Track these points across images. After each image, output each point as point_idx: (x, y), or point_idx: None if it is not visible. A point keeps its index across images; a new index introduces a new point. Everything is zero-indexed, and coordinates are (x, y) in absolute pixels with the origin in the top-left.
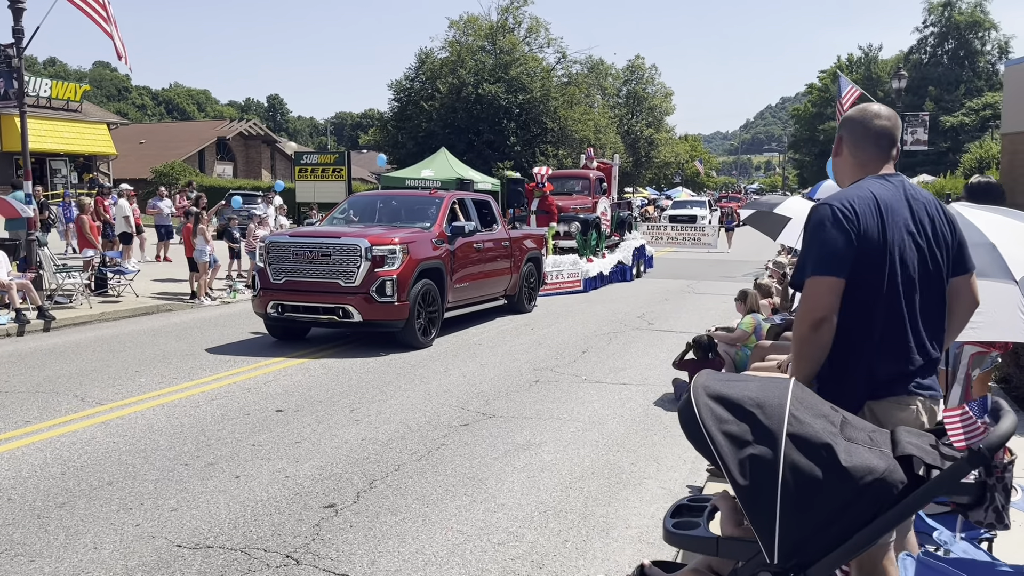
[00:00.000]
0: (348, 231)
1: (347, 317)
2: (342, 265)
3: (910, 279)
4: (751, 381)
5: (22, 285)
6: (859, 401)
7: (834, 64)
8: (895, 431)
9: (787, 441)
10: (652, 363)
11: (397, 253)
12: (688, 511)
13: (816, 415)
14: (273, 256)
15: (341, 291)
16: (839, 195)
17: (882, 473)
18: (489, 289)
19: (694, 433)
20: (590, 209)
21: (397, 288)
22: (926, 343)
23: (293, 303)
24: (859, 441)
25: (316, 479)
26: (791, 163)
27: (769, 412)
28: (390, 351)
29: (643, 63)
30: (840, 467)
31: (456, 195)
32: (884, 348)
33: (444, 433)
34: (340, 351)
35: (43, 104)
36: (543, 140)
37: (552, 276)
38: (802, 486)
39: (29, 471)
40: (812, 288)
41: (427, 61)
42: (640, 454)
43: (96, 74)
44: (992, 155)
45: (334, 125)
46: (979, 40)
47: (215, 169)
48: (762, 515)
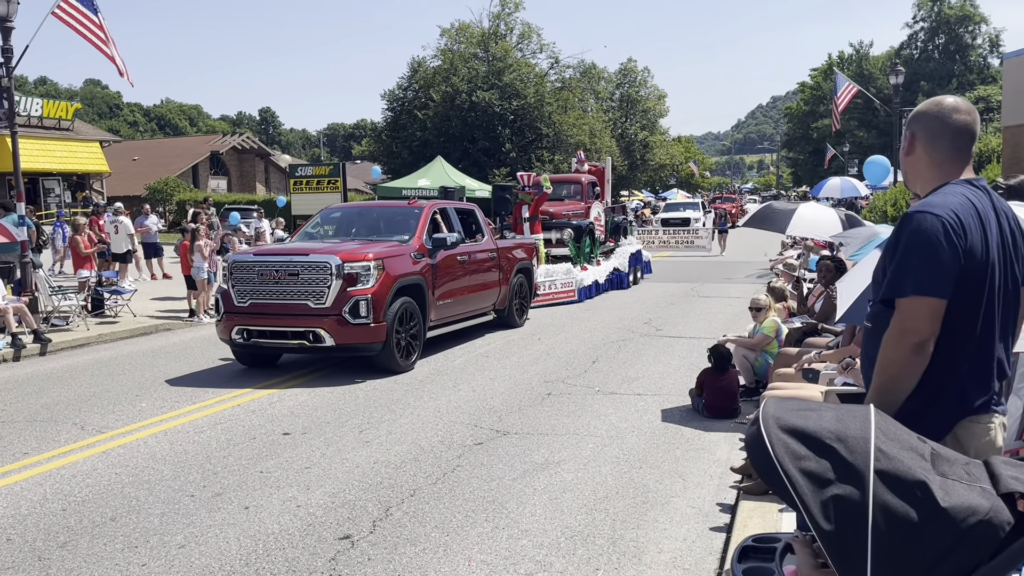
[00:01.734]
0: (317, 247)
1: (318, 342)
2: (311, 285)
3: (998, 296)
4: (826, 410)
5: (17, 309)
6: (949, 428)
7: (825, 62)
8: (990, 462)
9: (875, 479)
10: (665, 371)
11: (372, 270)
12: (756, 553)
13: (904, 448)
14: (237, 277)
15: (311, 313)
16: (941, 204)
17: (986, 514)
18: (476, 304)
19: (767, 471)
20: (583, 215)
21: (372, 308)
22: (1005, 360)
23: (259, 328)
24: (955, 477)
25: (329, 508)
26: (785, 162)
27: (852, 446)
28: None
29: (635, 66)
30: (938, 508)
31: (437, 205)
32: (976, 370)
33: (458, 453)
34: (344, 368)
35: (34, 123)
36: (538, 146)
37: (544, 287)
38: (896, 531)
39: (28, 508)
40: (913, 309)
41: (420, 70)
42: (664, 470)
43: (87, 92)
44: (992, 148)
45: (327, 136)
46: (969, 34)
47: (209, 184)
48: (851, 565)
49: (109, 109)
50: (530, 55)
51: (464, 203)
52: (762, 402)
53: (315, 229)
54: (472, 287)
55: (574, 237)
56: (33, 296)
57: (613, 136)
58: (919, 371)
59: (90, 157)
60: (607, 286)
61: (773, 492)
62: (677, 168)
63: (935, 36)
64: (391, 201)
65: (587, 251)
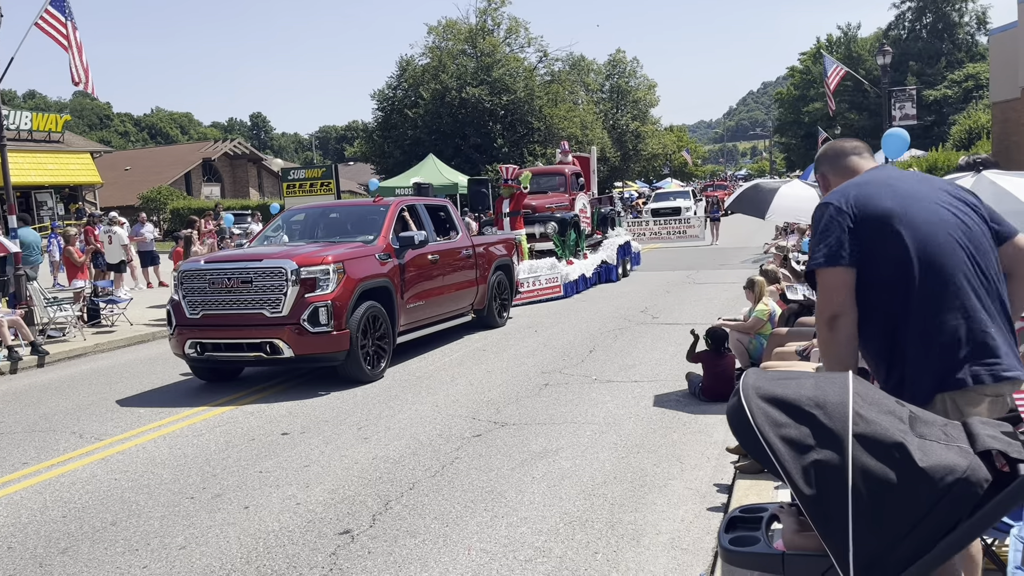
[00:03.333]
0: (271, 252)
1: (276, 353)
2: (266, 292)
3: (952, 257)
4: (805, 378)
5: (13, 322)
6: (927, 395)
7: (814, 46)
8: (968, 423)
9: (854, 443)
10: (661, 358)
11: (331, 273)
12: (743, 523)
13: (882, 411)
14: (187, 287)
15: (267, 323)
16: (835, 192)
17: (964, 472)
18: (452, 305)
19: (748, 440)
20: (567, 207)
21: (333, 314)
22: (989, 323)
23: (213, 340)
24: (933, 438)
25: (329, 504)
26: (777, 147)
27: (831, 412)
28: (415, 355)
29: (624, 57)
30: (916, 468)
31: (405, 201)
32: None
33: (457, 446)
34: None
35: (24, 137)
36: (530, 140)
37: (528, 283)
38: (875, 492)
39: (29, 516)
40: (821, 282)
41: (408, 68)
42: (661, 454)
43: (77, 104)
44: (981, 125)
45: (319, 139)
46: (956, 12)
47: (203, 191)
48: (833, 527)
49: (99, 120)
50: (518, 49)
51: (437, 199)
52: (743, 375)
53: (275, 232)
54: (446, 287)
55: (558, 231)
56: (28, 309)
57: (605, 127)
58: (844, 348)
59: (81, 168)
60: (595, 280)
61: (754, 460)
62: (670, 157)
63: (922, 15)
64: (356, 200)
65: (572, 245)
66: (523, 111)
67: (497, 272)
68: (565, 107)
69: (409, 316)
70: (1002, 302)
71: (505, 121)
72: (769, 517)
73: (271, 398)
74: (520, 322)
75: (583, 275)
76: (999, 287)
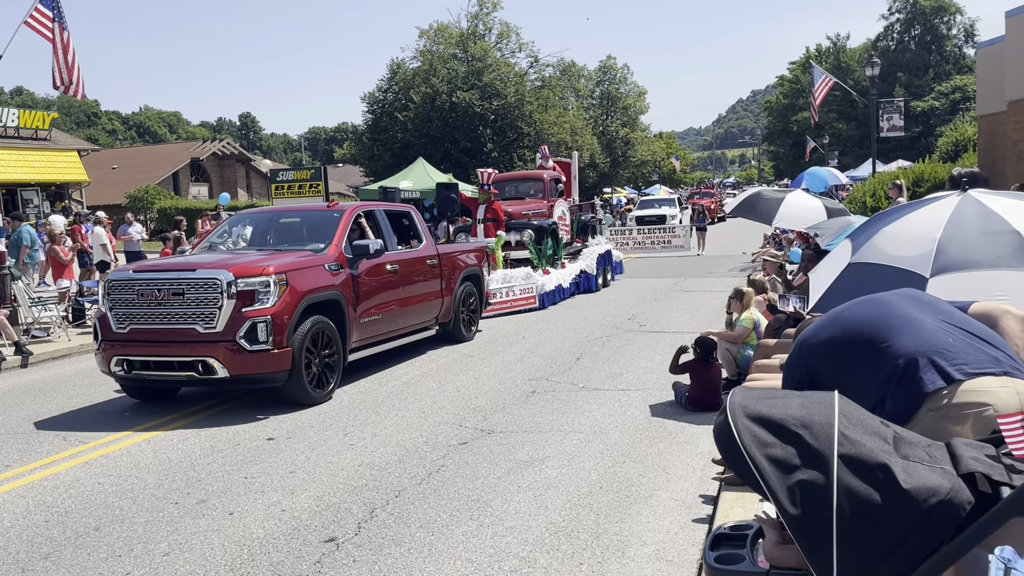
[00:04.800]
0: (207, 261)
1: (209, 373)
2: (199, 305)
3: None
4: (791, 398)
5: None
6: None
7: (803, 55)
8: (952, 444)
9: (839, 463)
10: (648, 366)
11: (272, 286)
12: (729, 541)
13: (867, 432)
14: (115, 298)
15: (200, 339)
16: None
17: (947, 494)
18: (412, 319)
19: (734, 458)
20: (545, 214)
21: (273, 331)
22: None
23: (141, 358)
24: (916, 459)
25: (314, 511)
26: (766, 155)
27: (816, 432)
28: (375, 371)
29: (615, 63)
30: (900, 489)
31: (362, 207)
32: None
33: (443, 453)
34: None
35: (11, 134)
36: (520, 145)
37: (501, 293)
38: (860, 513)
39: (11, 520)
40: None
41: (399, 71)
42: (647, 464)
43: (65, 101)
44: (968, 137)
45: (308, 140)
46: (945, 24)
47: (190, 191)
48: (817, 547)
49: (87, 118)
50: (509, 54)
51: (400, 204)
52: (730, 393)
53: (221, 239)
54: (407, 299)
55: (534, 238)
56: (13, 308)
57: (594, 133)
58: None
59: (68, 166)
60: (573, 290)
61: (741, 479)
62: (659, 164)
63: (911, 27)
64: (310, 204)
65: (550, 253)
66: (513, 116)
67: (465, 283)
68: (555, 113)
69: (363, 332)
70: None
71: (495, 126)
72: (754, 534)
73: (256, 402)
74: (457, 352)
75: (560, 285)
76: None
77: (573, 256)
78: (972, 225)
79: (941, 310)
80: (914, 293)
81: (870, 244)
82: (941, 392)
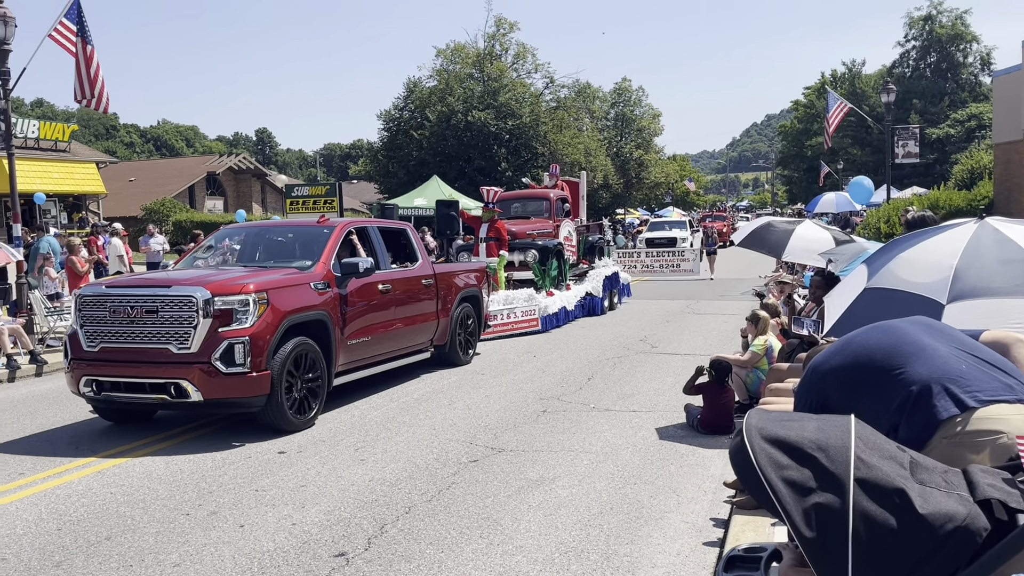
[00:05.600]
0: (184, 277)
1: (182, 396)
2: (173, 324)
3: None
4: (808, 420)
5: (13, 330)
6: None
7: (818, 80)
8: (969, 471)
9: (855, 487)
10: (660, 388)
11: (251, 304)
12: (742, 563)
13: (884, 456)
14: (86, 314)
15: (173, 360)
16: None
17: (963, 520)
18: (405, 341)
19: (750, 480)
20: (551, 234)
21: (251, 352)
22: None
23: (111, 378)
24: (933, 484)
25: (324, 525)
26: (780, 179)
27: (833, 455)
28: (386, 387)
29: (630, 85)
30: (916, 515)
31: (353, 223)
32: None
33: (454, 471)
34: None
35: (31, 145)
36: (534, 165)
37: (502, 315)
38: (875, 538)
39: (24, 527)
40: None
41: (416, 90)
42: (658, 486)
43: (84, 113)
44: (983, 165)
45: (323, 156)
46: (961, 52)
47: (206, 204)
48: (832, 571)
49: (105, 130)
50: (525, 75)
51: (395, 222)
52: (746, 415)
53: (207, 254)
54: (399, 320)
55: (539, 259)
56: (29, 317)
57: (608, 155)
58: None
59: (86, 178)
60: (578, 312)
61: (756, 501)
62: (672, 186)
63: (927, 55)
64: (300, 220)
65: (554, 274)
66: (528, 136)
67: (463, 304)
68: (570, 133)
69: (351, 354)
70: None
71: (510, 145)
72: (768, 557)
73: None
74: (502, 353)
75: (564, 308)
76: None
77: (579, 278)
78: (989, 252)
79: (954, 337)
80: (926, 320)
81: (886, 270)
82: (955, 419)
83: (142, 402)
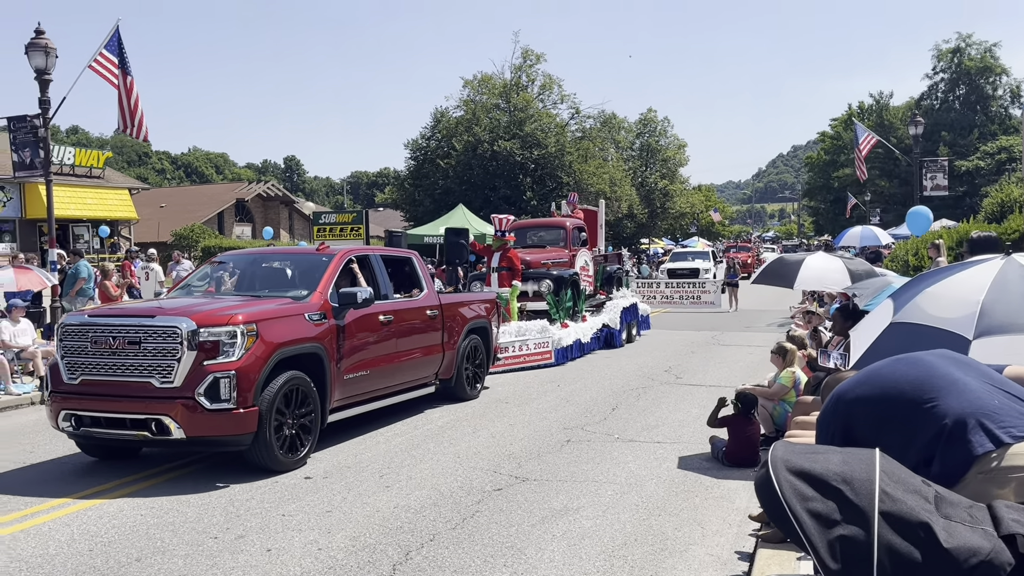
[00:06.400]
0: (170, 307)
1: (163, 433)
2: (156, 356)
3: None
4: (833, 453)
5: (47, 352)
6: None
7: (846, 112)
8: (993, 506)
9: (880, 520)
10: (685, 419)
11: (239, 336)
12: None
13: (908, 490)
14: (67, 345)
15: (155, 395)
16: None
17: (988, 555)
18: (407, 375)
19: (775, 511)
20: (566, 264)
21: (238, 387)
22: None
23: (91, 413)
24: (958, 519)
25: (350, 551)
26: (806, 210)
27: (857, 488)
28: (409, 415)
29: (655, 116)
30: (941, 549)
31: (354, 252)
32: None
33: (478, 499)
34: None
35: (67, 172)
36: (559, 194)
37: (514, 347)
38: (900, 571)
39: (56, 548)
40: None
41: (442, 120)
42: (683, 518)
43: (117, 140)
44: (1014, 198)
45: (350, 184)
46: (990, 85)
47: (234, 231)
48: None
49: (138, 157)
50: (551, 105)
51: (400, 250)
52: (772, 447)
53: (201, 282)
54: (401, 354)
55: (553, 289)
56: None
57: (633, 184)
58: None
59: (119, 204)
60: (594, 344)
61: (781, 532)
62: (697, 216)
63: (955, 87)
64: (300, 248)
65: (569, 305)
66: (553, 166)
67: (471, 336)
68: (595, 163)
69: (348, 389)
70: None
71: (535, 175)
72: None
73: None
74: (526, 382)
75: (579, 340)
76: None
77: (596, 309)
78: (1016, 288)
79: (982, 371)
80: (951, 353)
81: (912, 304)
82: (990, 455)
83: (123, 438)
